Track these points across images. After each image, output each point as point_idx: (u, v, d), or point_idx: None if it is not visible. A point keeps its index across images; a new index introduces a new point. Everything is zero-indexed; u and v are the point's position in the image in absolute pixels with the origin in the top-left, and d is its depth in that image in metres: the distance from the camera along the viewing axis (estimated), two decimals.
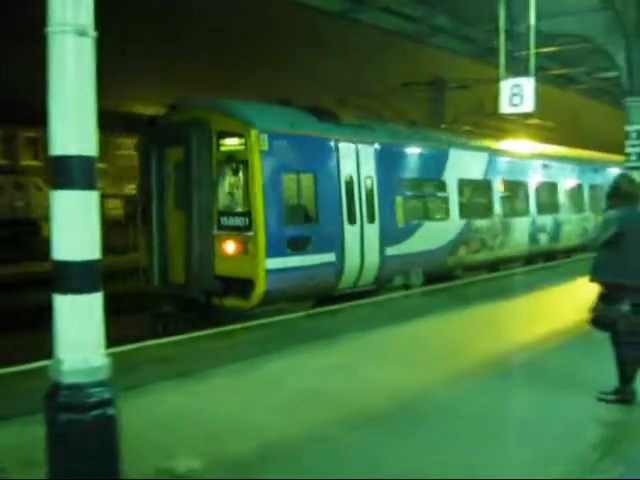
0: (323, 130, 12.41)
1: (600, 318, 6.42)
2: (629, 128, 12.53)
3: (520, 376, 7.39)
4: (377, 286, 13.32)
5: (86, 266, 3.74)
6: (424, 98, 23.06)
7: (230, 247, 11.12)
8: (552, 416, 6.12)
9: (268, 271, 10.88)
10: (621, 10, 12.66)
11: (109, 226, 20.17)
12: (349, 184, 12.48)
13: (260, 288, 10.86)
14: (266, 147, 11.01)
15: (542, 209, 19.26)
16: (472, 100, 22.40)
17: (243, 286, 10.94)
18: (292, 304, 11.66)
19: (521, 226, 18.19)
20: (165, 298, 11.76)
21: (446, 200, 15.44)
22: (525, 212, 18.68)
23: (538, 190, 19.25)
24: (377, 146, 13.23)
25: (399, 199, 13.75)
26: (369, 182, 12.91)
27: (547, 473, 4.86)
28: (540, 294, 13.63)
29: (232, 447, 5.31)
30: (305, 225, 11.83)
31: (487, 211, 16.93)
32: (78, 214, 3.72)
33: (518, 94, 11.31)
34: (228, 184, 11.45)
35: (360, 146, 12.82)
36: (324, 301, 12.13)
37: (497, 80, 12.14)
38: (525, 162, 19.07)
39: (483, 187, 17.09)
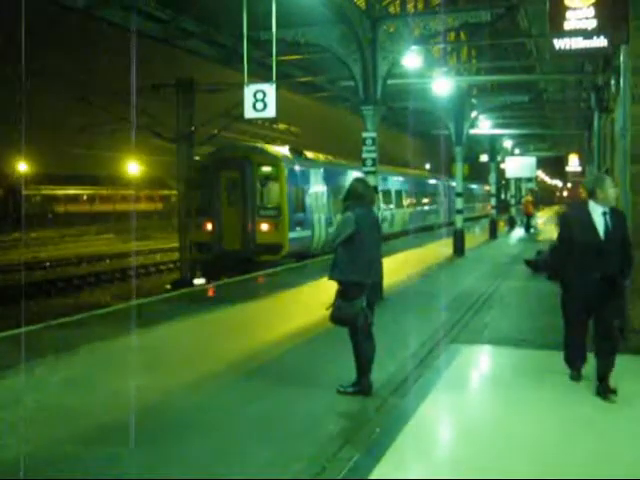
0: (301, 161, 22.45)
1: (340, 314, 6.70)
2: (365, 135, 13.25)
3: (265, 375, 7.50)
4: (322, 251, 21.80)
5: None
6: (174, 100, 22.76)
7: (265, 227, 20.12)
8: (295, 412, 6.30)
9: (289, 239, 20.32)
10: (356, 24, 13.38)
11: None
12: (313, 191, 22.44)
13: (285, 248, 20.30)
14: (287, 173, 20.70)
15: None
16: (224, 104, 22.58)
17: (274, 248, 20.03)
18: None
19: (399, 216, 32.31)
20: (220, 258, 20.11)
21: None
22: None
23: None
24: (320, 169, 23.49)
25: (331, 199, 23.49)
26: (321, 189, 23.16)
27: (287, 470, 4.98)
28: (291, 292, 14.13)
29: None
30: (300, 214, 21.47)
31: None
32: None
33: (261, 100, 11.54)
34: (263, 192, 20.48)
35: (315, 169, 23.06)
36: (302, 258, 20.98)
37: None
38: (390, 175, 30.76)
39: None
